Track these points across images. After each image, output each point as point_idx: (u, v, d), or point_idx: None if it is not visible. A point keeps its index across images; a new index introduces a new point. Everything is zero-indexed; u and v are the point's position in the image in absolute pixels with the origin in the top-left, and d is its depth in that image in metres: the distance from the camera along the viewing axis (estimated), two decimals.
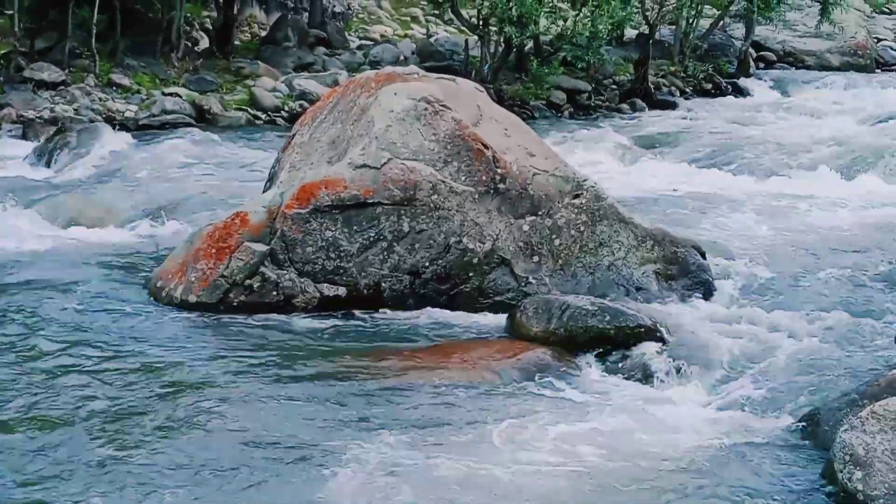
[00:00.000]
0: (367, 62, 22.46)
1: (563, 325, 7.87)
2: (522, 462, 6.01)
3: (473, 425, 6.43)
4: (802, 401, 6.89)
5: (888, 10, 35.02)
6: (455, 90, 9.39)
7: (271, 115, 19.16)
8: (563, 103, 21.38)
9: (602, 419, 6.59)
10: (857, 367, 7.49)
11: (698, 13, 23.92)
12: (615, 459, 6.11)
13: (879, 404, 5.79)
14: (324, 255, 8.58)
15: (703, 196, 13.42)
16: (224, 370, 7.20)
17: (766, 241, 11.03)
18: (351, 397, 6.82)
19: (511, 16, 19.59)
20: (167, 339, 7.79)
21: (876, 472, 5.55)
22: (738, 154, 16.00)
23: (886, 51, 30.26)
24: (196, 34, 22.62)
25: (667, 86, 23.32)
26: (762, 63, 27.65)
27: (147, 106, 18.35)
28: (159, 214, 11.61)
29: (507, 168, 8.90)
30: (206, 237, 8.69)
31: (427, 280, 8.68)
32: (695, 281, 9.00)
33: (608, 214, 9.00)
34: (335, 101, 9.76)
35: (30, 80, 18.27)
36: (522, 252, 8.82)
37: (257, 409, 6.58)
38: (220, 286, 8.48)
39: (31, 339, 7.64)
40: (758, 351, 7.72)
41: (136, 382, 6.93)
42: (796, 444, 6.41)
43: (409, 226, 8.65)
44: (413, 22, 28.03)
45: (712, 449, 6.29)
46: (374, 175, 8.68)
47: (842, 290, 9.41)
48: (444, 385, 7.03)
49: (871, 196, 13.40)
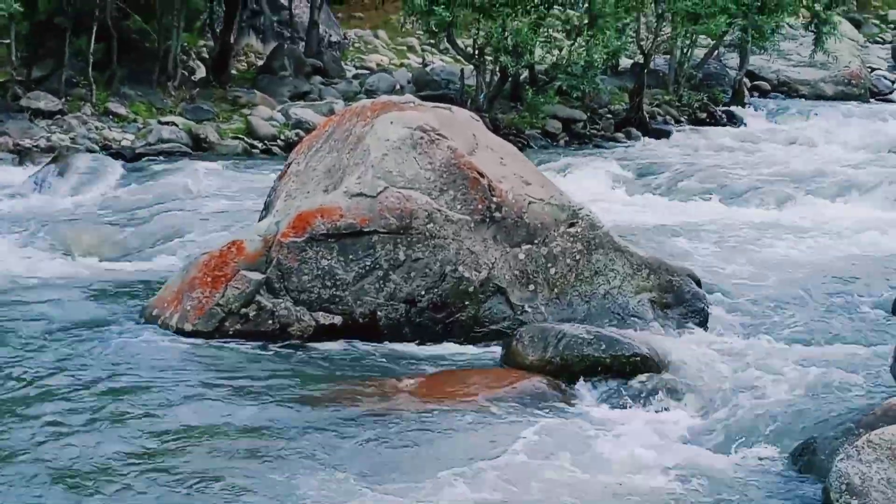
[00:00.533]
0: (364, 91, 22.54)
1: (558, 353, 7.87)
2: (517, 491, 5.99)
3: (469, 454, 6.41)
4: (798, 430, 6.88)
5: (881, 39, 35.23)
6: (451, 119, 9.42)
7: (267, 144, 19.19)
8: (559, 132, 21.44)
9: (598, 448, 6.58)
10: (852, 395, 7.49)
11: (693, 43, 24.03)
12: (610, 488, 6.10)
13: (875, 433, 5.78)
14: (319, 284, 8.59)
15: (697, 225, 13.46)
16: (219, 398, 7.18)
17: (760, 269, 11.05)
18: (346, 426, 6.81)
19: (506, 45, 19.68)
20: (162, 366, 7.78)
21: (872, 502, 5.53)
22: (733, 183, 16.05)
23: (880, 80, 30.40)
24: (193, 63, 22.70)
25: (661, 115, 23.41)
26: (756, 92, 27.75)
27: (143, 135, 18.39)
28: (155, 243, 11.62)
29: (502, 197, 8.92)
30: (202, 265, 8.69)
31: (423, 309, 8.68)
32: (690, 309, 9.01)
33: (604, 243, 9.02)
34: (331, 129, 9.79)
35: (26, 109, 18.31)
36: (518, 280, 8.83)
37: (253, 437, 6.57)
38: (216, 314, 8.48)
39: (25, 365, 7.62)
40: (753, 379, 7.71)
41: (129, 411, 6.91)
42: (792, 473, 6.41)
43: (404, 254, 8.67)
44: (409, 51, 28.15)
45: (708, 478, 6.28)
46: (370, 203, 8.70)
47: (837, 318, 9.43)
48: (439, 414, 7.01)
49: (865, 224, 13.43)
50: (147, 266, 10.79)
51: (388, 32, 28.78)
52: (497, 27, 19.64)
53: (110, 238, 11.77)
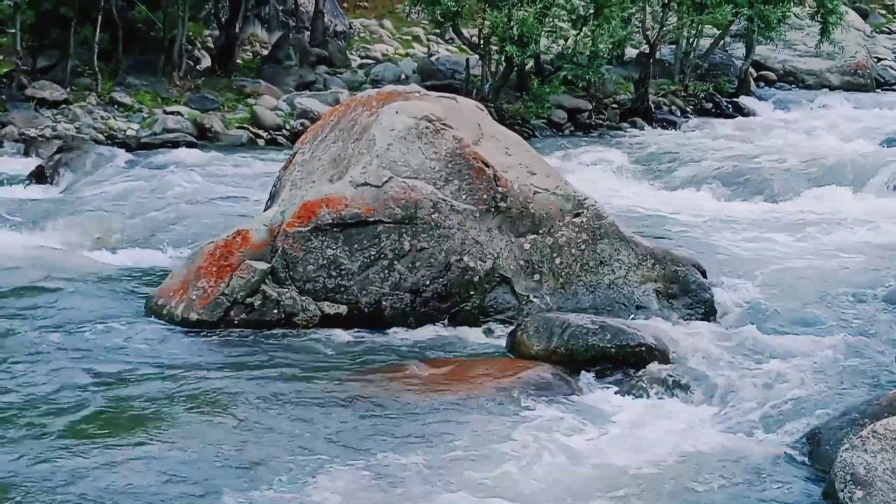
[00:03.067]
0: (369, 81, 22.51)
1: (563, 343, 7.86)
2: (522, 481, 6.00)
3: (474, 444, 6.42)
4: (803, 420, 6.88)
5: (888, 29, 35.12)
6: (456, 109, 9.41)
7: (272, 134, 19.18)
8: (564, 122, 21.41)
9: (602, 438, 6.59)
10: (858, 385, 7.49)
11: (699, 32, 23.96)
12: (614, 478, 6.10)
13: (881, 423, 5.79)
14: (325, 274, 8.59)
15: (703, 215, 13.44)
16: (224, 388, 7.19)
17: (766, 259, 11.04)
18: (351, 415, 6.82)
19: (512, 35, 19.65)
20: (167, 356, 7.79)
21: (877, 492, 5.54)
22: (738, 173, 16.01)
23: (887, 70, 30.32)
24: (198, 53, 22.69)
25: (667, 105, 23.36)
26: (762, 82, 27.69)
27: (149, 124, 18.39)
28: (160, 232, 11.62)
29: (507, 186, 8.91)
30: (208, 255, 8.70)
31: (428, 298, 8.68)
32: (695, 300, 9.00)
33: (609, 233, 9.01)
34: (336, 119, 9.79)
35: (32, 99, 18.31)
36: (523, 270, 8.83)
37: (257, 426, 6.58)
38: (222, 304, 8.48)
39: (31, 356, 7.63)
40: (758, 370, 7.72)
41: (134, 400, 6.93)
42: (797, 463, 6.41)
43: (409, 244, 8.66)
44: (414, 41, 28.11)
45: (712, 468, 6.28)
46: (375, 193, 8.69)
47: (843, 308, 9.42)
48: (444, 404, 7.02)
49: (871, 215, 13.41)
50: (152, 256, 10.79)
51: (394, 22, 28.74)
52: (502, 17, 19.61)
53: (114, 228, 11.78)
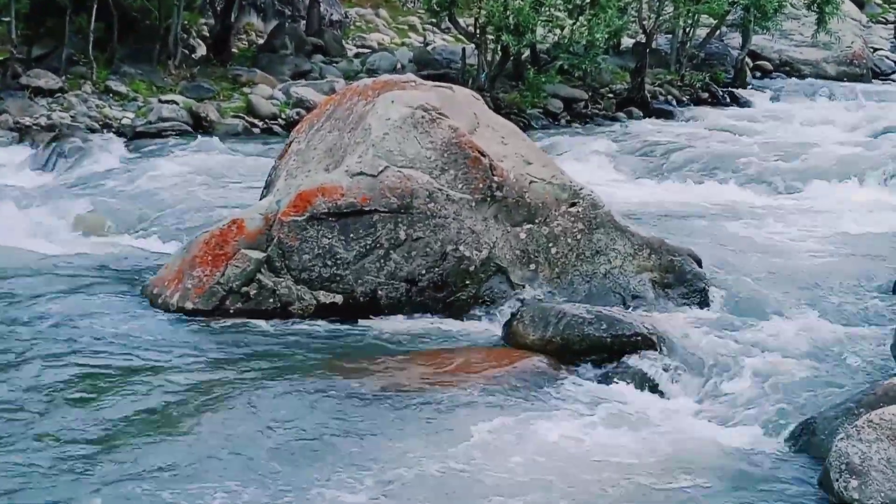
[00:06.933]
0: (364, 70, 22.45)
1: (559, 333, 7.86)
2: (517, 470, 6.01)
3: (469, 433, 6.42)
4: (798, 409, 6.89)
5: (884, 19, 35.11)
6: (452, 98, 9.40)
7: (268, 123, 19.13)
8: (560, 112, 21.38)
9: (597, 427, 6.59)
10: (853, 375, 7.51)
11: (695, 22, 23.93)
12: (609, 467, 6.11)
13: (876, 413, 5.80)
14: (320, 263, 8.58)
15: (698, 205, 13.44)
16: (219, 377, 7.19)
17: (761, 249, 11.04)
18: (346, 405, 6.82)
19: (508, 24, 19.60)
20: (163, 345, 7.78)
21: (872, 481, 5.55)
22: (734, 163, 15.99)
23: (883, 60, 30.29)
24: (193, 42, 22.62)
25: (663, 94, 23.31)
26: (759, 72, 27.64)
27: (144, 113, 18.34)
28: (156, 221, 11.61)
29: (503, 176, 8.91)
30: (203, 244, 8.69)
31: (423, 288, 8.68)
32: (691, 289, 9.01)
33: (604, 223, 9.01)
34: (332, 108, 9.77)
35: (27, 87, 18.24)
36: (519, 260, 8.83)
37: (252, 415, 6.58)
38: (217, 293, 8.48)
39: (27, 343, 7.63)
40: (753, 359, 7.72)
41: (129, 388, 6.92)
42: (792, 453, 6.42)
43: (405, 233, 8.66)
44: (410, 30, 28.05)
45: (707, 457, 6.29)
46: (370, 183, 8.68)
47: (838, 299, 9.42)
48: (440, 393, 7.02)
49: (867, 205, 13.42)
50: (147, 244, 10.78)
51: (390, 11, 28.67)
52: (499, 6, 19.56)
53: (110, 216, 11.76)
